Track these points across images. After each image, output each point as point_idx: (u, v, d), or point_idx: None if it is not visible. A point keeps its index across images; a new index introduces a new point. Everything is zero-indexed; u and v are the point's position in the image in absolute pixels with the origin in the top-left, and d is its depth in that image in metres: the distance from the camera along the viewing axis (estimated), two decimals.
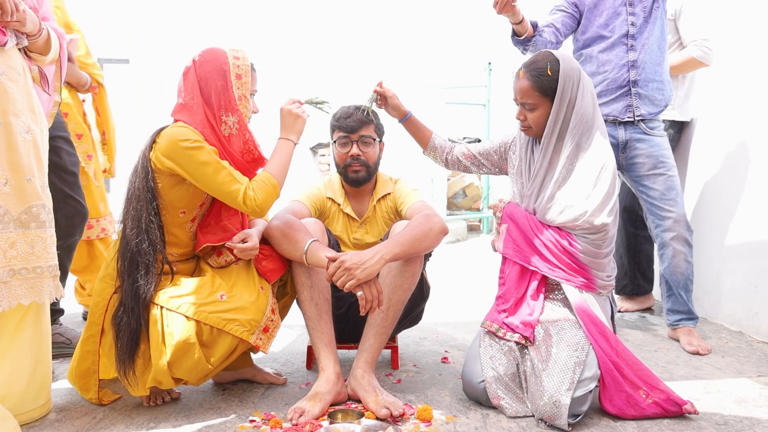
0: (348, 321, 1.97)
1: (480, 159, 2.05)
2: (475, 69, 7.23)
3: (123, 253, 1.66)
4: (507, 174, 2.03)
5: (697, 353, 2.25)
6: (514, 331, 1.72)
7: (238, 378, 1.96)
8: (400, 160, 4.13)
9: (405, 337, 2.52)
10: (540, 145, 1.81)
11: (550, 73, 1.72)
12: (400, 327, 2.08)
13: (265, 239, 1.83)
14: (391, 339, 2.14)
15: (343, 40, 7.30)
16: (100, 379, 1.70)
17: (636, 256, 2.91)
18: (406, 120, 2.10)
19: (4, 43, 1.54)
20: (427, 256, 1.98)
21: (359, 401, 1.74)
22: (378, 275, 1.70)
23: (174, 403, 1.79)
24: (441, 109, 6.76)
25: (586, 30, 2.43)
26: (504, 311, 1.76)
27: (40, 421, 1.65)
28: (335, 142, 2.05)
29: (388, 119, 2.10)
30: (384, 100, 2.05)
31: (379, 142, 2.09)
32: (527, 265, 1.78)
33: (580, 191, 1.73)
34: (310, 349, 2.09)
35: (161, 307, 1.62)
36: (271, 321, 1.73)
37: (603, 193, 1.72)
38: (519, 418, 1.65)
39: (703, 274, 2.76)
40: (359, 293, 1.65)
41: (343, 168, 2.05)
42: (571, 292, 1.74)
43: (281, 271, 1.83)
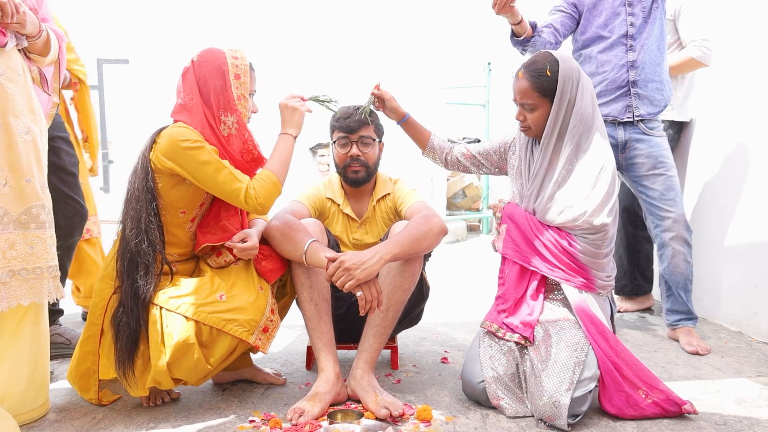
0: (347, 321, 1.97)
1: (479, 159, 2.05)
2: (475, 69, 7.24)
3: (122, 253, 1.66)
4: (506, 174, 2.03)
5: (697, 353, 2.26)
6: (514, 332, 1.72)
7: (237, 378, 1.96)
8: (400, 160, 4.13)
9: (405, 337, 2.52)
10: (539, 145, 1.81)
11: (549, 73, 1.73)
12: (400, 327, 2.08)
13: (265, 239, 1.84)
14: (391, 339, 2.14)
15: (342, 40, 7.30)
16: (100, 379, 1.70)
17: (635, 256, 2.91)
18: (405, 122, 2.10)
19: (4, 44, 1.54)
20: (427, 257, 1.98)
21: (359, 401, 1.74)
22: (377, 275, 1.70)
23: (173, 403, 1.79)
24: (440, 109, 6.77)
25: (586, 30, 2.44)
26: (504, 311, 1.76)
27: (39, 421, 1.65)
28: (335, 142, 2.06)
29: (387, 120, 2.11)
30: (382, 102, 2.05)
31: (379, 142, 2.09)
32: (527, 265, 1.78)
33: (580, 191, 1.73)
34: (309, 349, 2.09)
35: (160, 307, 1.62)
36: (271, 321, 1.73)
37: (602, 193, 1.72)
38: (519, 418, 1.66)
39: (703, 274, 2.76)
40: (359, 293, 1.65)
41: (342, 168, 2.05)
42: (570, 292, 1.74)
43: (281, 271, 1.83)
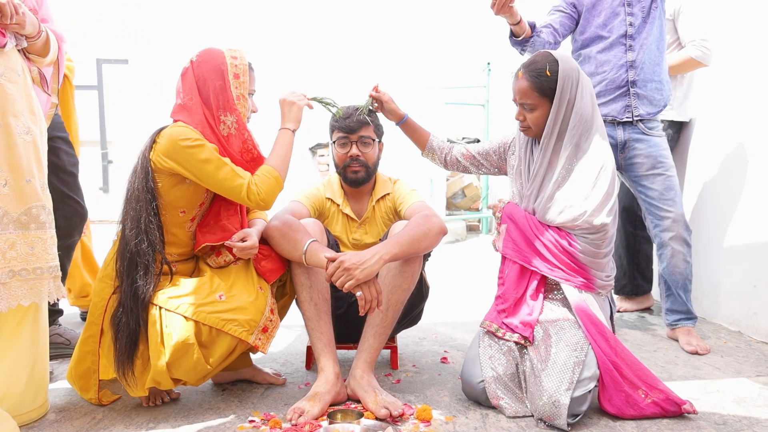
0: (347, 321, 1.97)
1: (479, 159, 2.05)
2: (474, 69, 7.24)
3: (122, 253, 1.66)
4: (506, 174, 2.03)
5: (696, 353, 2.26)
6: (514, 331, 1.72)
7: (237, 378, 1.96)
8: (399, 160, 4.13)
9: (404, 337, 2.52)
10: (539, 145, 1.81)
11: (549, 73, 1.73)
12: (400, 327, 2.08)
13: (264, 239, 1.84)
14: (391, 339, 2.14)
15: (342, 40, 7.31)
16: (100, 379, 1.70)
17: (635, 256, 2.91)
18: (403, 123, 2.10)
19: (3, 45, 1.54)
20: (427, 257, 1.98)
21: (358, 401, 1.74)
22: (377, 275, 1.70)
23: (173, 403, 1.79)
24: (440, 109, 6.76)
25: (585, 30, 2.44)
26: (503, 311, 1.76)
27: (38, 421, 1.65)
28: (334, 142, 2.05)
29: (386, 120, 2.11)
30: (380, 104, 2.05)
31: (379, 142, 2.09)
32: (527, 265, 1.78)
33: (580, 191, 1.73)
34: (309, 349, 2.09)
35: (160, 307, 1.62)
36: (270, 321, 1.73)
37: (602, 193, 1.72)
38: (518, 418, 1.66)
39: (702, 274, 2.76)
40: (358, 293, 1.65)
41: (342, 168, 2.05)
42: (570, 292, 1.74)
43: (280, 271, 1.83)
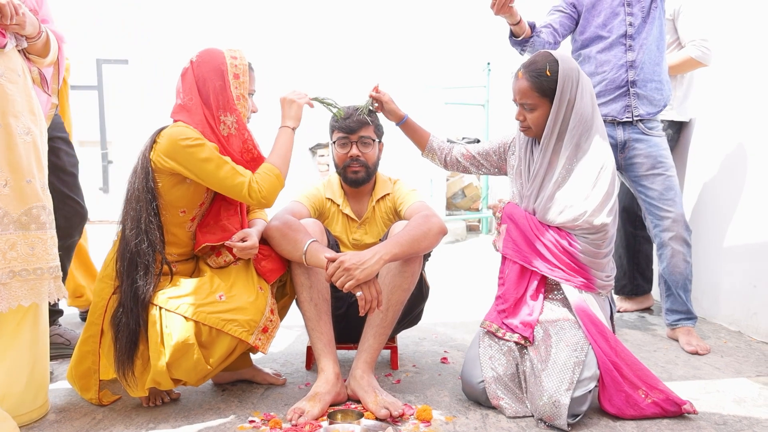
0: (347, 321, 1.97)
1: (479, 159, 2.05)
2: (474, 69, 7.23)
3: (122, 253, 1.66)
4: (506, 174, 2.03)
5: (696, 353, 2.26)
6: (514, 332, 1.72)
7: (237, 378, 1.96)
8: (399, 160, 4.13)
9: (404, 337, 2.52)
10: (539, 145, 1.81)
11: (549, 73, 1.73)
12: (400, 327, 2.08)
13: (265, 239, 1.84)
14: (391, 339, 2.14)
15: (342, 40, 7.31)
16: (100, 380, 1.70)
17: (635, 256, 2.91)
18: (403, 123, 2.10)
19: (3, 45, 1.54)
20: (427, 257, 1.98)
21: (359, 401, 1.74)
22: (377, 275, 1.70)
23: (173, 403, 1.79)
24: (440, 109, 6.76)
25: (585, 30, 2.44)
26: (503, 311, 1.76)
27: (39, 422, 1.65)
28: (335, 142, 2.05)
29: (386, 120, 2.11)
30: (380, 104, 2.05)
31: (379, 142, 2.09)
32: (527, 265, 1.78)
33: (580, 191, 1.73)
34: (309, 349, 2.09)
35: (160, 307, 1.62)
36: (270, 321, 1.73)
37: (602, 193, 1.72)
38: (518, 418, 1.66)
39: (702, 274, 2.76)
40: (358, 294, 1.65)
41: (342, 169, 2.05)
42: (570, 292, 1.74)
43: (280, 271, 1.83)
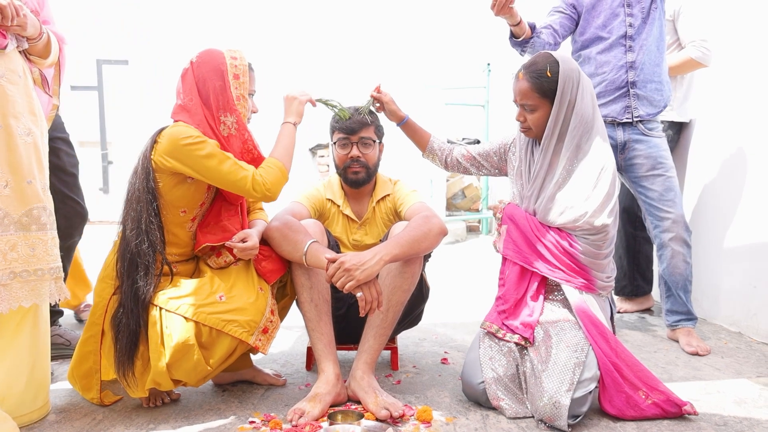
0: (347, 322, 1.97)
1: (479, 160, 2.05)
2: (474, 70, 7.23)
3: (123, 254, 1.66)
4: (506, 175, 2.03)
5: (697, 354, 2.26)
6: (514, 332, 1.72)
7: (237, 379, 1.96)
8: (400, 161, 4.14)
9: (404, 338, 2.52)
10: (540, 146, 1.81)
11: (549, 74, 1.73)
12: (400, 328, 2.08)
13: (265, 240, 1.83)
14: (391, 340, 2.14)
15: (342, 41, 7.31)
16: (101, 380, 1.70)
17: (635, 256, 2.91)
18: (404, 124, 2.10)
19: (4, 46, 1.54)
20: (427, 257, 1.98)
21: (359, 402, 1.74)
22: (377, 276, 1.70)
23: (173, 404, 1.79)
24: (440, 109, 6.76)
25: (585, 31, 2.44)
26: (504, 312, 1.76)
27: (39, 422, 1.65)
28: (335, 143, 2.05)
29: (387, 121, 2.11)
30: (381, 104, 2.06)
31: (379, 143, 2.09)
32: (527, 266, 1.78)
33: (580, 192, 1.73)
34: (309, 350, 2.09)
35: (160, 308, 1.62)
36: (271, 322, 1.73)
37: (603, 194, 1.72)
38: (519, 419, 1.66)
39: (702, 275, 2.77)
40: (359, 294, 1.65)
41: (342, 169, 2.05)
42: (570, 293, 1.74)
43: (281, 272, 1.83)
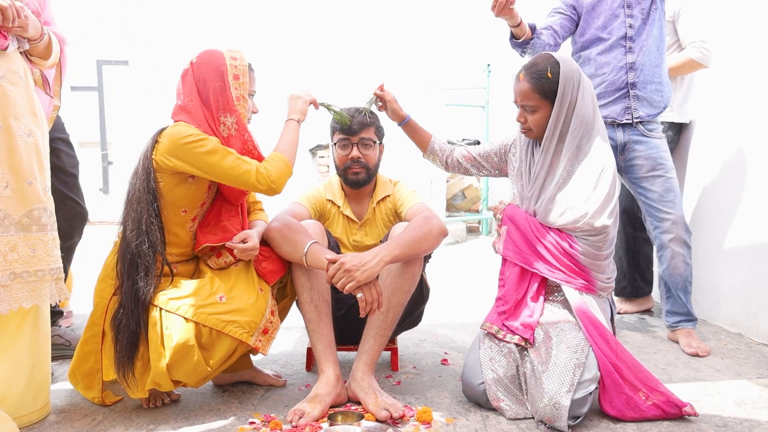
0: (348, 323, 1.97)
1: (480, 161, 2.05)
2: (474, 71, 7.23)
3: (123, 254, 1.66)
4: (507, 176, 2.03)
5: (697, 355, 2.26)
6: (514, 333, 1.72)
7: (237, 380, 1.96)
8: (400, 161, 4.14)
9: (404, 338, 2.52)
10: (540, 147, 1.81)
11: (550, 75, 1.73)
12: (400, 329, 2.08)
13: (265, 241, 1.83)
14: (391, 341, 2.14)
15: (342, 41, 7.31)
16: (103, 380, 1.70)
17: (635, 257, 2.91)
18: (405, 123, 2.10)
19: (5, 47, 1.54)
20: (427, 258, 1.98)
21: (359, 403, 1.74)
22: (378, 277, 1.70)
23: (173, 404, 1.79)
24: (440, 110, 6.76)
25: (585, 32, 2.44)
26: (504, 313, 1.76)
27: (39, 423, 1.65)
28: (335, 144, 2.05)
29: (388, 121, 2.11)
30: (383, 103, 2.06)
31: (379, 144, 2.09)
32: (527, 266, 1.78)
33: (581, 193, 1.73)
34: (309, 350, 2.09)
35: (160, 308, 1.62)
36: (271, 323, 1.73)
37: (603, 195, 1.72)
38: (519, 420, 1.66)
39: (702, 276, 2.77)
40: (359, 295, 1.65)
41: (343, 170, 2.05)
42: (571, 293, 1.74)
43: (281, 272, 1.83)
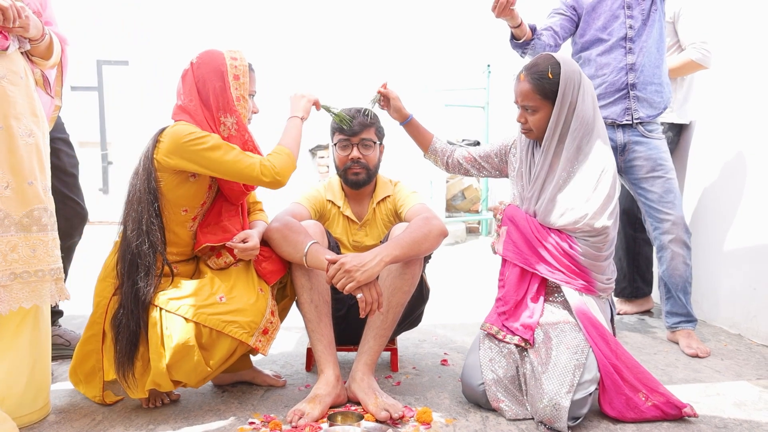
0: (347, 323, 1.97)
1: (480, 162, 2.05)
2: (474, 71, 7.24)
3: (123, 254, 1.66)
4: (507, 176, 2.03)
5: (697, 356, 2.26)
6: (514, 334, 1.72)
7: (237, 380, 1.96)
8: (400, 162, 4.14)
9: (404, 339, 2.52)
10: (540, 147, 1.81)
11: (551, 76, 1.73)
12: (400, 329, 2.08)
13: (265, 241, 1.83)
14: (391, 341, 2.14)
15: (343, 42, 7.31)
16: (104, 380, 1.70)
17: (635, 258, 2.91)
18: (408, 123, 2.10)
19: (6, 47, 1.54)
20: (427, 259, 1.98)
21: (359, 403, 1.74)
22: (378, 277, 1.70)
23: (173, 405, 1.79)
24: (440, 111, 6.76)
25: (585, 33, 2.44)
26: (504, 313, 1.76)
27: (39, 423, 1.65)
28: (335, 144, 2.05)
29: (388, 121, 2.11)
30: (387, 101, 2.06)
31: (380, 145, 2.09)
32: (527, 267, 1.78)
33: (581, 194, 1.73)
34: (309, 351, 2.09)
35: (160, 308, 1.62)
36: (271, 323, 1.73)
37: (603, 196, 1.72)
38: (518, 420, 1.66)
39: (702, 277, 2.77)
40: (359, 295, 1.65)
41: (343, 170, 2.05)
42: (571, 294, 1.74)
43: (281, 273, 1.83)
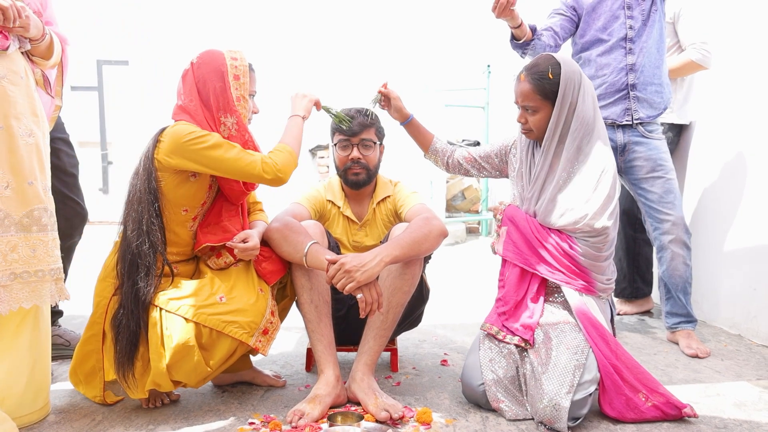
0: (347, 323, 1.97)
1: (481, 162, 2.05)
2: (474, 72, 7.24)
3: (123, 254, 1.66)
4: (507, 177, 2.03)
5: (697, 356, 2.26)
6: (514, 334, 1.72)
7: (237, 380, 1.96)
8: (400, 162, 4.14)
9: (404, 339, 2.52)
10: (541, 148, 1.81)
11: (551, 76, 1.73)
12: (400, 329, 2.08)
13: (265, 241, 1.83)
14: (391, 341, 2.14)
15: (343, 42, 7.31)
16: (104, 380, 1.70)
17: (635, 259, 2.91)
18: (408, 123, 2.10)
19: (6, 47, 1.54)
20: (427, 259, 1.98)
21: (359, 404, 1.74)
22: (378, 277, 1.70)
23: (173, 405, 1.79)
24: (440, 111, 6.76)
25: (585, 33, 2.44)
26: (504, 314, 1.76)
27: (39, 423, 1.65)
28: (336, 145, 2.06)
29: (389, 121, 2.11)
30: (387, 101, 2.06)
31: (380, 145, 2.09)
32: (527, 267, 1.78)
33: (581, 194, 1.73)
34: (309, 351, 2.09)
35: (161, 309, 1.62)
36: (271, 323, 1.73)
37: (603, 196, 1.72)
38: (518, 421, 1.66)
39: (702, 277, 2.77)
40: (359, 296, 1.65)
41: (343, 171, 2.05)
42: (571, 295, 1.74)
43: (281, 273, 1.83)
